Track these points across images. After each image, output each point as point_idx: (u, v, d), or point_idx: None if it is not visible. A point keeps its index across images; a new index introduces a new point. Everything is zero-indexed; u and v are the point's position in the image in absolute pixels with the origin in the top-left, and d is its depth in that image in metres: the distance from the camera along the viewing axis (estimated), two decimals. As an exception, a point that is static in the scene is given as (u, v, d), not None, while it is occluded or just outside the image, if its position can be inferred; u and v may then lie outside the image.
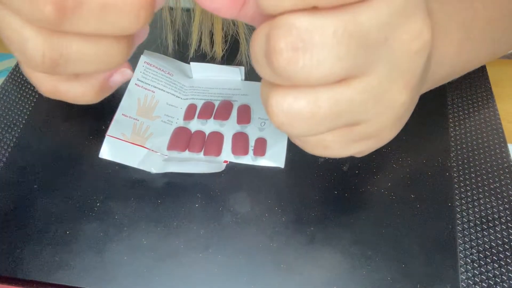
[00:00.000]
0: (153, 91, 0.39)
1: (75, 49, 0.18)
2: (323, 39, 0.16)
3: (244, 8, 0.19)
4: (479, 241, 0.31)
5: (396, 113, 0.20)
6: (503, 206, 0.33)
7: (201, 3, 0.18)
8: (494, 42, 0.34)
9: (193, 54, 0.44)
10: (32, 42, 0.18)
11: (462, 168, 0.35)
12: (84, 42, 0.18)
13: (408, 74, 0.19)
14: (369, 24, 0.17)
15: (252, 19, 0.19)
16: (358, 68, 0.18)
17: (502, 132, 0.38)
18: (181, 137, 0.37)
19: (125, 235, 0.31)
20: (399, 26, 0.18)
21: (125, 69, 0.23)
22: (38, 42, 0.18)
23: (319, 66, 0.17)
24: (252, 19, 0.19)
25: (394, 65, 0.18)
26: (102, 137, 0.35)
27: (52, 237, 0.31)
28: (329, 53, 0.17)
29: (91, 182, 0.34)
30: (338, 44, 0.17)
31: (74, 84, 0.21)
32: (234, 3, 0.19)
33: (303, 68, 0.17)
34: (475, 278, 0.30)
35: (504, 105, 0.41)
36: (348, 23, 0.17)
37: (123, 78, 0.23)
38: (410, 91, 0.20)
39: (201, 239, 0.31)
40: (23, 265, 0.30)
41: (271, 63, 0.17)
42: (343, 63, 0.17)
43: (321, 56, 0.17)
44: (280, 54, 0.17)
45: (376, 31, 0.17)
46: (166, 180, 0.35)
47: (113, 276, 0.30)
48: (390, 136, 0.22)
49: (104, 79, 0.22)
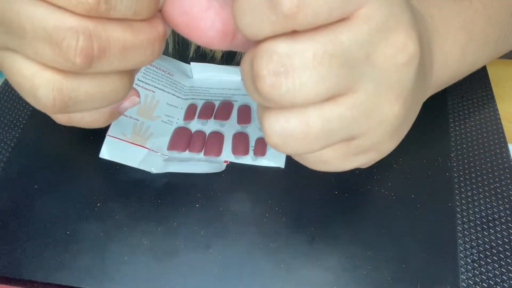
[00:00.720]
0: (153, 91, 0.39)
1: (83, 91, 0.20)
2: (303, 62, 0.17)
3: (235, 38, 0.19)
4: (479, 241, 0.31)
5: (391, 125, 0.20)
6: (503, 206, 0.33)
7: (192, 38, 0.19)
8: (497, 42, 0.34)
9: (193, 54, 0.44)
10: (43, 90, 0.19)
11: (462, 168, 0.35)
12: (92, 83, 0.20)
13: (398, 86, 0.19)
14: (348, 43, 0.17)
15: (244, 47, 0.20)
16: (343, 86, 0.18)
17: (502, 132, 0.38)
18: (181, 137, 0.37)
19: (125, 235, 0.31)
20: (380, 42, 0.18)
21: (133, 96, 0.24)
22: (48, 89, 0.19)
23: (302, 88, 0.17)
24: (243, 47, 0.20)
25: (381, 79, 0.19)
26: (103, 137, 0.35)
27: (52, 237, 0.31)
28: (311, 75, 0.17)
29: (91, 182, 0.34)
30: (319, 66, 0.17)
31: (86, 115, 0.23)
32: (224, 36, 0.19)
33: (287, 92, 0.17)
34: (475, 278, 0.30)
35: (504, 105, 0.41)
36: (328, 44, 0.17)
37: (131, 104, 0.24)
38: (403, 102, 0.20)
39: (201, 239, 0.31)
40: (23, 265, 0.30)
41: (257, 89, 0.18)
42: (327, 83, 0.17)
43: (303, 78, 0.17)
44: (263, 80, 0.17)
45: (357, 50, 0.18)
46: (166, 180, 0.35)
47: (113, 276, 0.30)
48: (391, 147, 0.23)
49: (113, 108, 0.23)
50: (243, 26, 0.18)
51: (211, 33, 0.19)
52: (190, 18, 0.19)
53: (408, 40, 0.18)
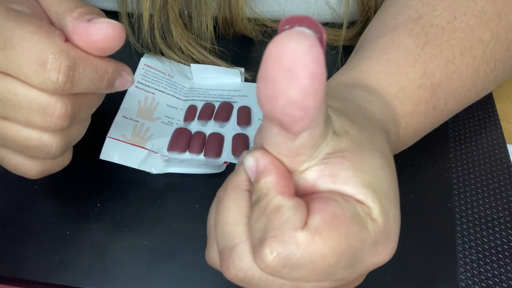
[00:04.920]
0: (153, 93, 0.40)
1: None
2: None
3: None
4: (478, 241, 0.31)
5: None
6: (502, 206, 0.33)
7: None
8: (470, 98, 0.34)
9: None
10: (51, 147, 0.27)
11: (462, 169, 0.35)
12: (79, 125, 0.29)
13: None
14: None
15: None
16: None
17: (501, 133, 0.38)
18: (181, 138, 0.37)
19: (125, 235, 0.32)
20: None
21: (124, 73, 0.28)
22: (56, 143, 0.27)
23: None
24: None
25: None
26: (103, 139, 0.35)
27: (52, 237, 0.31)
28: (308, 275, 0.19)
29: (91, 183, 0.34)
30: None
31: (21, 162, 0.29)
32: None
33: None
34: (474, 278, 0.30)
35: (503, 105, 0.41)
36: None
37: (124, 82, 0.29)
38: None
39: (201, 239, 0.31)
40: (23, 265, 0.30)
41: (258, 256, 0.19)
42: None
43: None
44: (267, 257, 0.19)
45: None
46: (167, 180, 0.35)
47: (113, 276, 0.30)
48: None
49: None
50: None
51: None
52: None
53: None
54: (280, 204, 0.19)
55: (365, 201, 0.20)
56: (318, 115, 0.18)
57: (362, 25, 0.44)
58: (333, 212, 0.19)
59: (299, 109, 0.17)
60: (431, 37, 0.30)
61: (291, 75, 0.16)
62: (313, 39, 0.16)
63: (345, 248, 0.19)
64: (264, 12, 0.45)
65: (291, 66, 0.16)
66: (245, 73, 0.42)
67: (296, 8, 0.45)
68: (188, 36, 0.42)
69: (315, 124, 0.19)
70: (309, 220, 0.19)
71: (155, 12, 0.40)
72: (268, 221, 0.19)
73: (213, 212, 0.23)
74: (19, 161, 0.28)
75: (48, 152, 0.27)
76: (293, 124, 0.18)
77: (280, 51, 0.16)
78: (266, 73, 0.17)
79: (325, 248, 0.18)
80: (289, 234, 0.18)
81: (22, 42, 0.23)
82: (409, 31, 0.31)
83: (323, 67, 0.17)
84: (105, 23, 0.24)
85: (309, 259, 0.18)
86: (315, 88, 0.17)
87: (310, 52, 0.16)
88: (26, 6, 0.25)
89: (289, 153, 0.20)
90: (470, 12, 0.31)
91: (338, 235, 0.19)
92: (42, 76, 0.24)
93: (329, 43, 0.45)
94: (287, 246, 0.18)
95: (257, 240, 0.19)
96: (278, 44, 0.16)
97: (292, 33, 0.16)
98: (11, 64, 0.24)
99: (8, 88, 0.24)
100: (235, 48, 0.45)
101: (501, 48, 0.32)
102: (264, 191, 0.20)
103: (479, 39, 0.31)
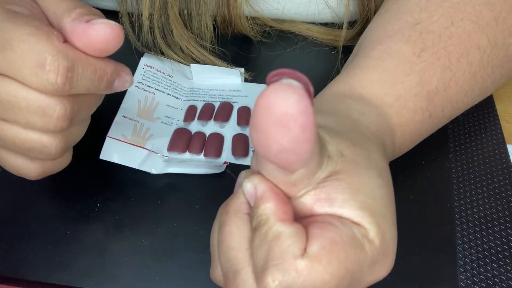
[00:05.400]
0: (153, 93, 0.40)
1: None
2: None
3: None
4: (478, 242, 0.31)
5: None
6: (502, 206, 0.33)
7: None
8: (467, 104, 0.34)
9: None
10: (50, 148, 0.27)
11: (461, 169, 0.35)
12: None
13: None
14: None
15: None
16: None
17: (501, 133, 0.38)
18: (181, 138, 0.37)
19: (125, 235, 0.32)
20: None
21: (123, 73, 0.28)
22: (55, 144, 0.27)
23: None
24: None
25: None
26: (103, 139, 0.35)
27: (52, 237, 0.31)
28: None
29: (91, 183, 0.34)
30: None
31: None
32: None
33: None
34: (474, 279, 0.30)
35: (503, 105, 0.41)
36: None
37: (122, 83, 0.28)
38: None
39: (201, 239, 0.31)
40: (23, 265, 0.30)
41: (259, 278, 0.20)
42: None
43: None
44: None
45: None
46: (167, 180, 0.35)
47: (113, 276, 0.30)
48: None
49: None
50: None
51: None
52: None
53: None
54: (280, 232, 0.19)
55: (362, 223, 0.21)
56: (312, 156, 0.19)
57: (362, 26, 0.44)
58: (331, 237, 0.19)
59: (292, 154, 0.18)
60: (428, 44, 0.30)
61: (283, 127, 0.17)
62: (301, 91, 0.17)
63: (345, 273, 0.19)
64: (264, 10, 0.45)
65: (282, 119, 0.17)
66: (245, 73, 0.42)
67: (295, 7, 0.44)
68: (188, 36, 0.42)
69: (311, 161, 0.20)
70: (308, 247, 0.19)
71: (154, 11, 0.40)
72: (269, 250, 0.19)
73: (215, 232, 0.24)
74: (20, 163, 0.28)
75: (48, 153, 0.27)
76: (288, 166, 0.19)
77: (270, 104, 0.17)
78: (258, 124, 0.18)
79: (325, 275, 0.19)
80: (289, 262, 0.19)
81: (20, 44, 0.23)
82: (406, 38, 0.31)
83: (312, 117, 0.17)
84: (103, 24, 0.24)
85: (310, 286, 0.19)
86: (307, 137, 0.17)
87: (299, 105, 0.17)
88: (24, 7, 0.25)
89: (286, 185, 0.21)
90: (467, 18, 0.31)
91: (337, 261, 0.19)
92: (41, 77, 0.24)
93: (329, 44, 0.45)
94: (288, 275, 0.19)
95: (259, 268, 0.20)
96: (267, 96, 0.17)
97: (280, 85, 0.17)
98: (10, 66, 0.24)
99: (7, 90, 0.24)
100: (235, 48, 0.45)
101: (498, 53, 0.32)
102: (264, 217, 0.20)
103: (476, 45, 0.31)
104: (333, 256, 0.19)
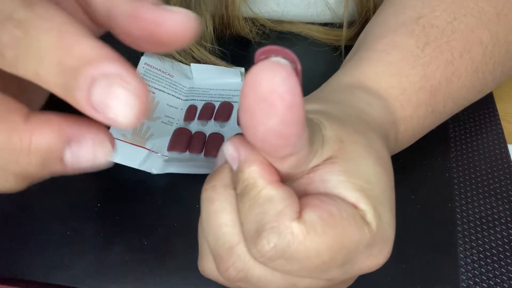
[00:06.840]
0: (154, 92, 0.40)
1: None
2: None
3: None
4: (479, 242, 0.31)
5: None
6: (503, 206, 0.33)
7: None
8: (469, 100, 0.34)
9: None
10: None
11: (462, 169, 0.35)
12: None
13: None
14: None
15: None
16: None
17: (502, 133, 0.38)
18: (181, 138, 0.37)
19: (125, 236, 0.31)
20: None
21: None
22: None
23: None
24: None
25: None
26: (103, 138, 0.35)
27: (52, 238, 0.31)
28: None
29: (91, 183, 0.34)
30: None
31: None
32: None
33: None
34: (475, 279, 0.30)
35: (504, 105, 0.41)
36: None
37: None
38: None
39: (201, 239, 0.31)
40: (23, 265, 0.30)
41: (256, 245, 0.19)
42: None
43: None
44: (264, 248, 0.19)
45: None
46: (167, 180, 0.35)
47: (113, 276, 0.30)
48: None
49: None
50: None
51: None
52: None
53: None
54: (271, 194, 0.19)
55: (357, 204, 0.20)
56: (300, 142, 0.18)
57: (360, 26, 0.44)
58: (330, 210, 0.19)
59: (279, 138, 0.17)
60: (431, 38, 0.30)
61: (269, 105, 0.16)
62: (289, 69, 0.16)
63: (341, 247, 0.19)
64: (263, 12, 0.45)
65: (269, 97, 0.16)
66: (245, 73, 0.42)
67: (295, 8, 0.44)
68: None
69: (300, 148, 0.19)
70: (305, 214, 0.19)
71: None
72: (262, 213, 0.19)
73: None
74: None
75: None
76: (276, 152, 0.18)
77: (257, 82, 0.16)
78: (245, 103, 0.17)
79: (320, 244, 0.18)
80: (285, 225, 0.18)
81: None
82: (409, 32, 0.31)
83: (300, 97, 0.17)
84: (183, 13, 0.17)
85: (304, 253, 0.18)
86: (294, 118, 0.17)
87: (286, 83, 0.16)
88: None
89: (279, 172, 0.20)
90: (470, 13, 0.31)
91: (334, 233, 0.19)
92: None
93: (330, 44, 0.45)
94: (283, 238, 0.18)
95: (251, 233, 0.19)
96: (254, 74, 0.16)
97: (268, 63, 0.16)
98: None
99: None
100: (235, 48, 0.45)
101: (500, 49, 0.32)
102: (251, 181, 0.19)
103: (479, 40, 0.31)
104: (330, 228, 0.19)
